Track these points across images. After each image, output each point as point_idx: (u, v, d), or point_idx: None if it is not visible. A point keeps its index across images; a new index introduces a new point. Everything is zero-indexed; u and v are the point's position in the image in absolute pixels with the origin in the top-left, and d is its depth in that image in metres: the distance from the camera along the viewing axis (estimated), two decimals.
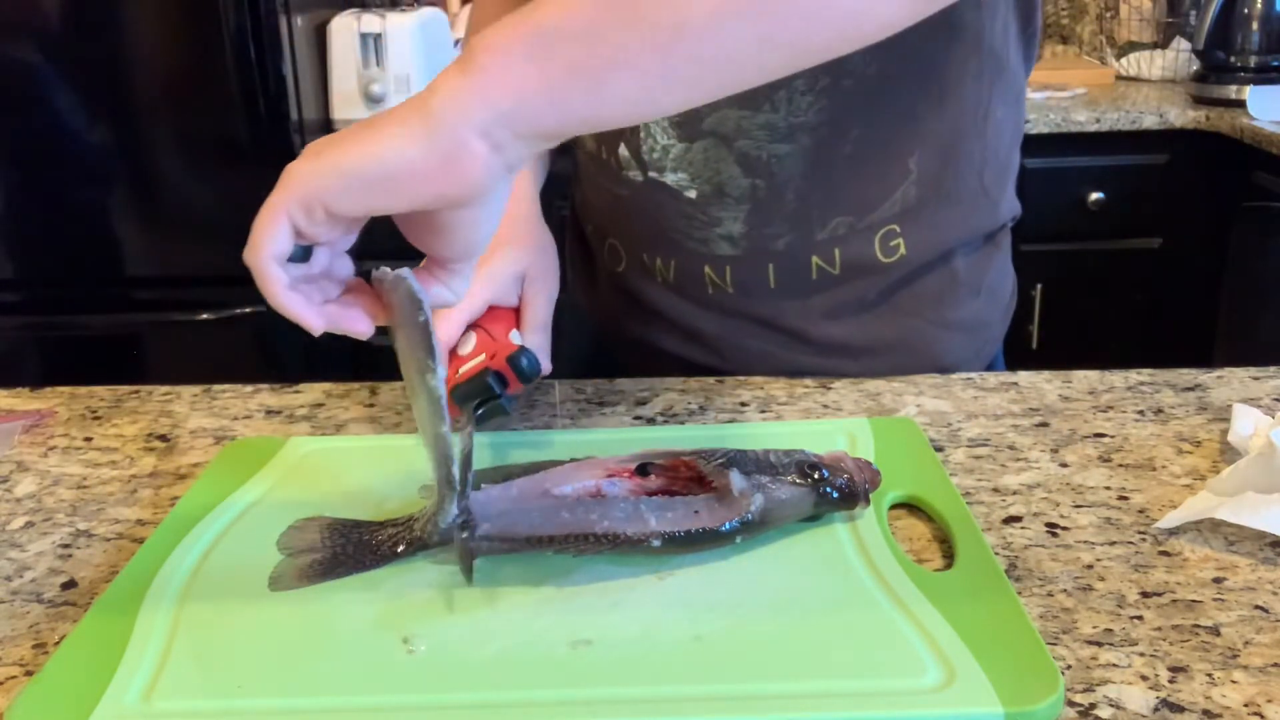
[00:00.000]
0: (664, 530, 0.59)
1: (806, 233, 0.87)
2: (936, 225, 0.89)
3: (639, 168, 0.89)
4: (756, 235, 0.88)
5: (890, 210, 0.87)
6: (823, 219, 0.87)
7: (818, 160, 0.85)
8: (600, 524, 0.60)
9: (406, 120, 0.52)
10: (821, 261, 0.88)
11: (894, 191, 0.87)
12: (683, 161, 0.87)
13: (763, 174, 0.85)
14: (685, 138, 0.86)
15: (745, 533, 0.61)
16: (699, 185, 0.87)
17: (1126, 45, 2.67)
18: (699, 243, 0.89)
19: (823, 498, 0.63)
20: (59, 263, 2.21)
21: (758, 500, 0.61)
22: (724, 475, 0.63)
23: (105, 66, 2.10)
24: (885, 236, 0.88)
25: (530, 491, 0.64)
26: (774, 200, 0.86)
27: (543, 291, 0.80)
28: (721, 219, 0.88)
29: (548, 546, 0.60)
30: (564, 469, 0.66)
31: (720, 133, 0.85)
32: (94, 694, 0.51)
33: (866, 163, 0.86)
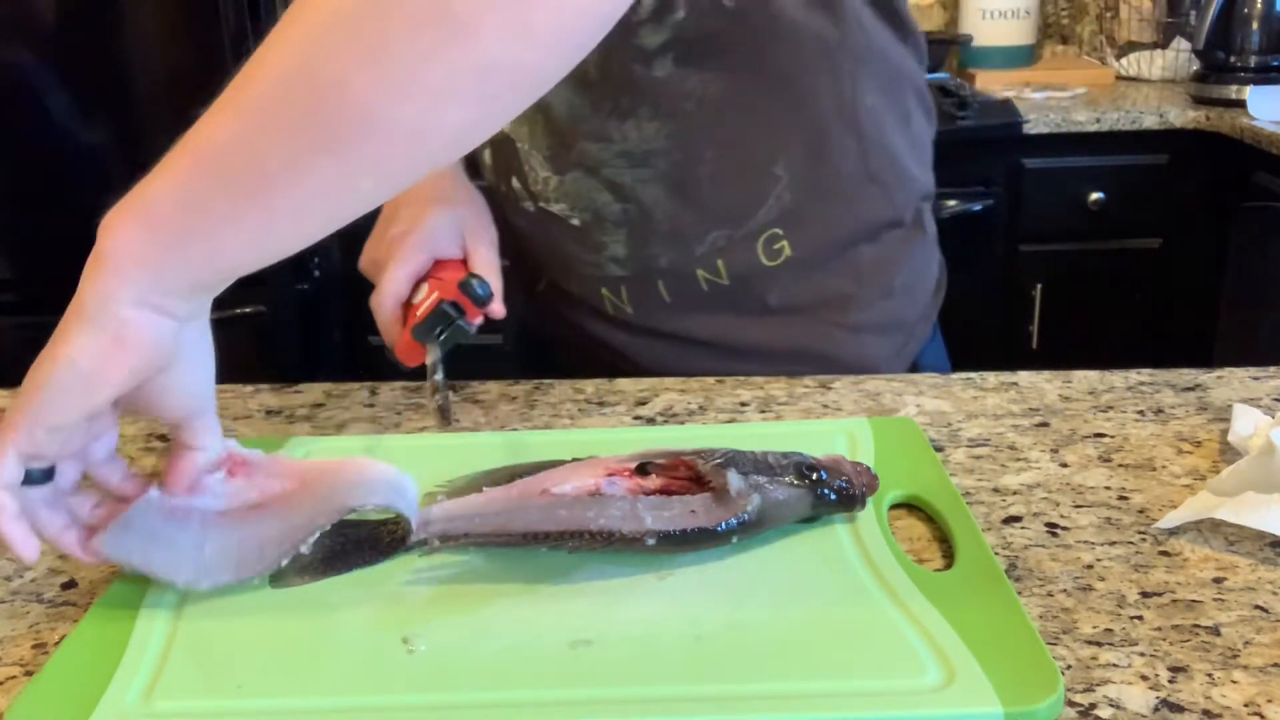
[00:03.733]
0: (660, 529, 0.60)
1: (685, 249, 0.89)
2: (821, 222, 0.90)
3: (530, 199, 0.91)
4: (640, 256, 0.90)
5: (767, 216, 0.88)
6: (698, 235, 0.88)
7: (678, 182, 0.86)
8: (596, 522, 0.60)
9: (71, 321, 0.54)
10: (707, 274, 0.90)
11: (766, 199, 0.88)
12: (561, 192, 0.89)
13: (632, 199, 0.87)
14: (558, 170, 0.88)
15: (742, 533, 0.61)
16: (580, 214, 0.89)
17: (1126, 45, 2.67)
18: (592, 266, 0.91)
19: (820, 499, 0.63)
20: (59, 263, 2.20)
21: (755, 501, 0.61)
22: (721, 475, 0.63)
23: (105, 66, 2.10)
24: (768, 241, 0.89)
25: (530, 490, 0.64)
26: (647, 223, 0.88)
27: (483, 238, 0.82)
28: (606, 243, 0.90)
29: (543, 543, 0.60)
30: (564, 468, 0.66)
31: (586, 164, 0.87)
32: (94, 694, 0.51)
33: (729, 178, 0.87)
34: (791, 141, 0.87)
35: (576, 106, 0.84)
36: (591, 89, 0.83)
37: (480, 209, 0.85)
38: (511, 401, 0.87)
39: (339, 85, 0.50)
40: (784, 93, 0.86)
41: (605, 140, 0.85)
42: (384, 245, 0.81)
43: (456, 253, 0.81)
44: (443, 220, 0.81)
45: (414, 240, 0.80)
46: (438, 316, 0.78)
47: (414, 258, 0.79)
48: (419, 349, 0.79)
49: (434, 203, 0.82)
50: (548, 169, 0.89)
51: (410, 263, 0.79)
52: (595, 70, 0.83)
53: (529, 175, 0.90)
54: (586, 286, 0.93)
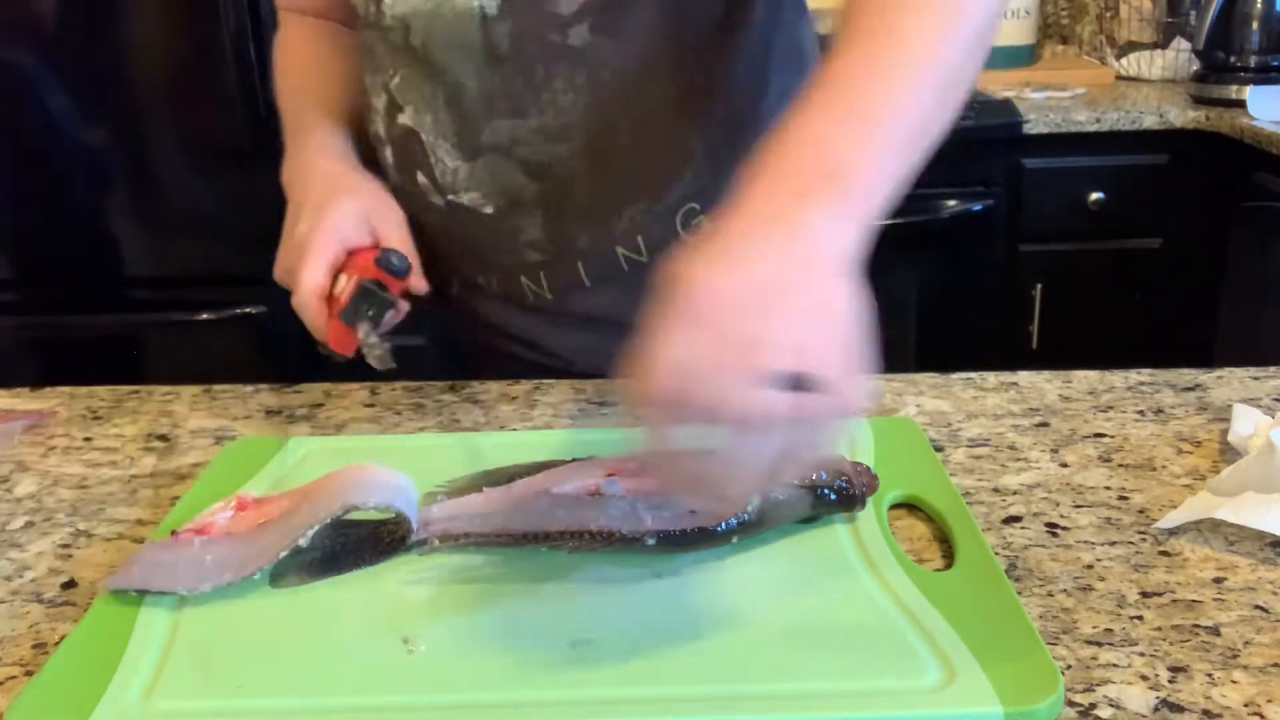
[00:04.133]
0: (660, 529, 0.60)
1: (604, 227, 0.88)
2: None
3: (438, 193, 0.90)
4: (557, 237, 0.88)
5: (684, 190, 0.88)
6: (617, 210, 0.88)
7: (596, 155, 0.86)
8: (596, 522, 0.60)
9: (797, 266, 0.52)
10: (627, 251, 0.89)
11: (682, 173, 0.88)
12: (472, 180, 0.88)
13: (548, 177, 0.86)
14: (468, 157, 0.87)
15: (742, 533, 0.61)
16: (493, 200, 0.88)
17: (1126, 45, 2.67)
18: (508, 254, 0.90)
19: (820, 499, 0.63)
20: (59, 263, 2.21)
21: (754, 501, 0.61)
22: None
23: (105, 66, 2.10)
24: (686, 215, 0.89)
25: (530, 490, 0.64)
26: (565, 200, 0.87)
27: (390, 220, 0.83)
28: (522, 227, 0.88)
29: (543, 543, 0.60)
30: (564, 468, 0.66)
31: (499, 145, 0.86)
32: (94, 694, 0.51)
33: (645, 150, 0.86)
34: (705, 115, 0.88)
35: (489, 83, 0.83)
36: (504, 63, 0.83)
37: (383, 195, 0.85)
38: (511, 401, 0.87)
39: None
40: (697, 65, 0.86)
41: (520, 117, 0.84)
42: (293, 248, 0.81)
43: (367, 239, 0.81)
44: (347, 210, 0.81)
45: (322, 233, 0.79)
46: (361, 295, 0.77)
47: (326, 249, 0.79)
48: (350, 334, 0.78)
49: (335, 195, 0.82)
50: (457, 157, 0.87)
51: (323, 254, 0.79)
52: (508, 44, 0.82)
53: (436, 167, 0.88)
54: (504, 277, 0.92)
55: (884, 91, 0.58)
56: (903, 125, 0.57)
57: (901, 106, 0.58)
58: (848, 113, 0.57)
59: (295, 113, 0.94)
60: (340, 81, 0.96)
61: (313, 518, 0.60)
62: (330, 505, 0.61)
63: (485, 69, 0.83)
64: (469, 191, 0.88)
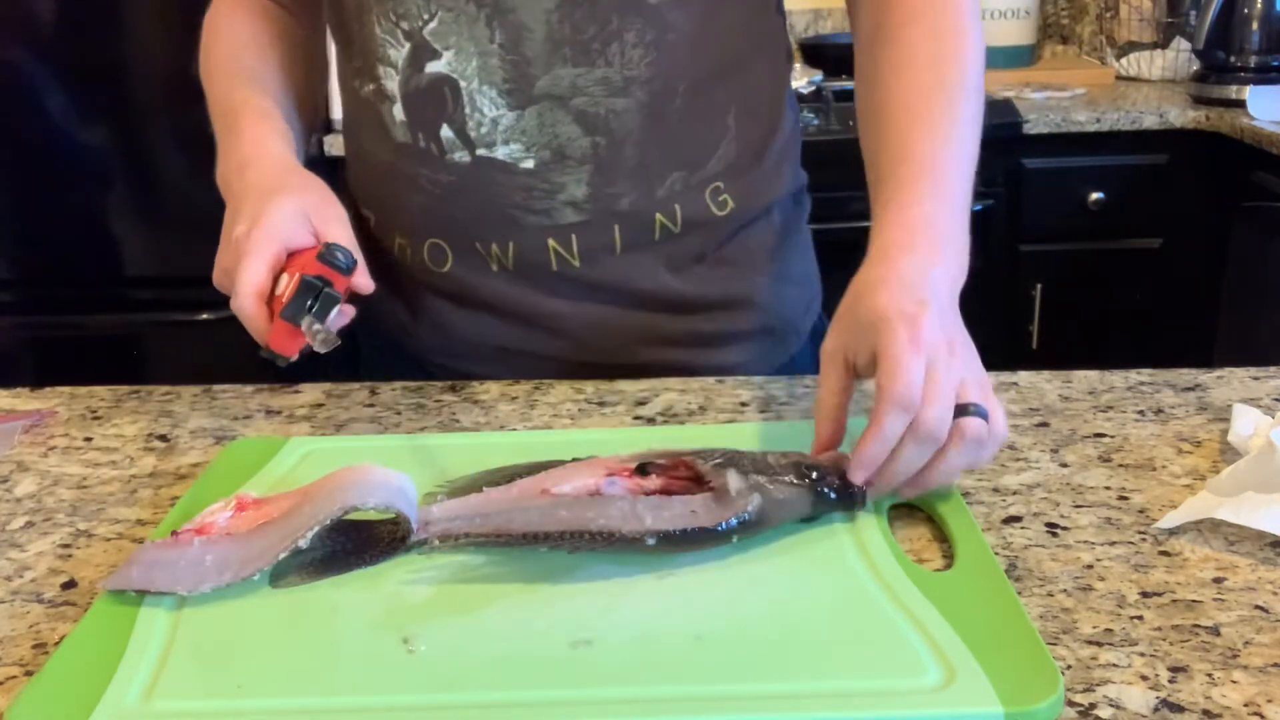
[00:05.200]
0: (660, 529, 0.60)
1: (648, 190, 0.88)
2: (754, 182, 0.93)
3: (465, 148, 0.87)
4: (601, 196, 0.88)
5: (716, 167, 0.90)
6: (661, 175, 0.88)
7: (652, 114, 0.86)
8: (596, 522, 0.60)
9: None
10: (664, 219, 0.90)
11: (718, 147, 0.90)
12: (515, 131, 0.86)
13: (602, 131, 0.86)
14: (517, 105, 0.85)
15: (742, 532, 0.61)
16: (536, 153, 0.87)
17: (1126, 45, 2.67)
18: (541, 215, 0.88)
19: (820, 498, 0.63)
20: (59, 263, 2.21)
21: (755, 500, 0.61)
22: (721, 475, 0.63)
23: (105, 66, 2.10)
24: (713, 193, 0.90)
25: (530, 490, 0.64)
26: (615, 158, 0.87)
27: (332, 218, 0.79)
28: (564, 184, 0.87)
29: (543, 543, 0.60)
30: (564, 469, 0.66)
31: (555, 93, 0.85)
32: (94, 694, 0.51)
33: (694, 117, 0.88)
34: (739, 91, 0.90)
35: (559, 29, 0.83)
36: (578, 9, 0.83)
37: (325, 192, 0.82)
38: (512, 401, 0.87)
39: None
40: (741, 39, 0.89)
41: (587, 65, 0.84)
42: (231, 249, 0.78)
43: (308, 238, 0.78)
44: (287, 208, 0.77)
45: (261, 233, 0.76)
46: (304, 289, 0.73)
47: (264, 249, 0.75)
48: (294, 334, 0.74)
49: (274, 194, 0.79)
50: (501, 106, 0.85)
51: (262, 254, 0.75)
52: None
53: (470, 119, 0.86)
54: (530, 240, 0.90)
55: (965, 182, 0.75)
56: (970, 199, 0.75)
57: (971, 180, 0.76)
58: (946, 200, 0.73)
59: (227, 106, 0.91)
60: (278, 65, 0.94)
61: (312, 519, 0.60)
62: (330, 506, 0.61)
63: (556, 14, 0.83)
64: (508, 144, 0.87)
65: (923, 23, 0.82)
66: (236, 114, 0.89)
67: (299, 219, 0.78)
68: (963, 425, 0.63)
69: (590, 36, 0.83)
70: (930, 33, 0.82)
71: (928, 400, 0.63)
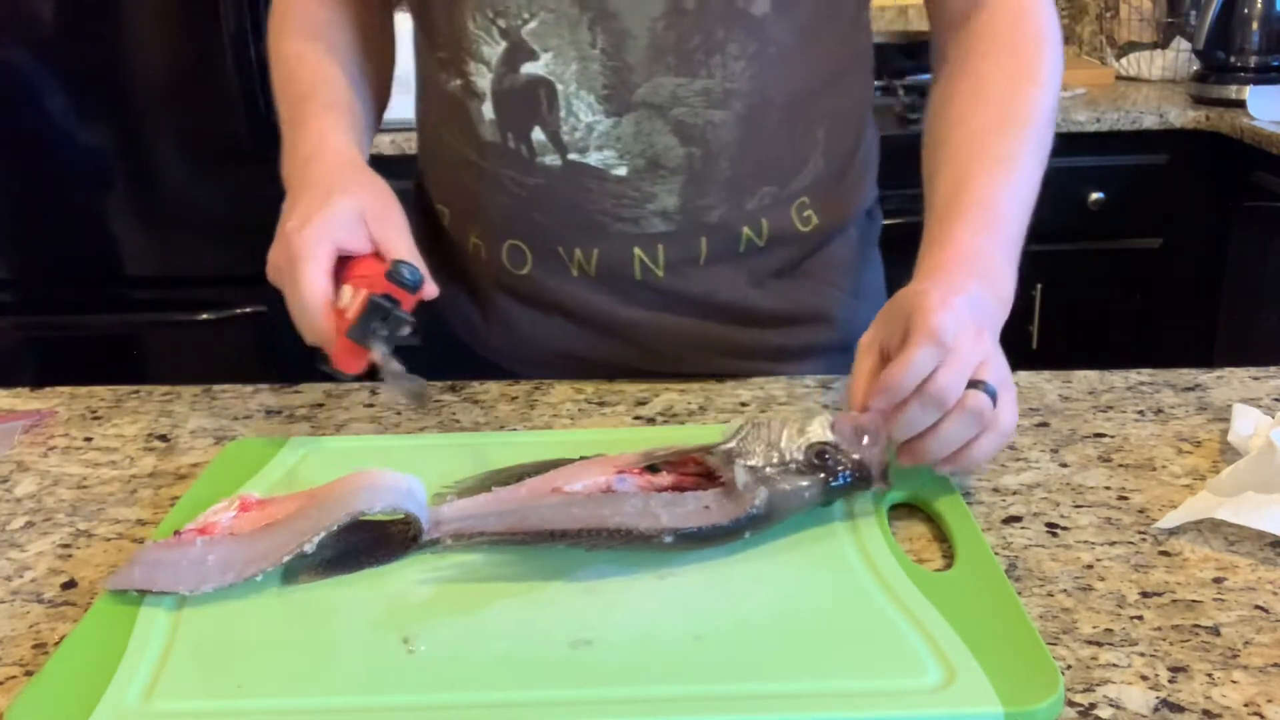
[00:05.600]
0: (675, 526, 0.60)
1: (738, 203, 0.88)
2: (837, 197, 0.93)
3: (557, 151, 0.86)
4: (691, 208, 0.87)
5: (803, 181, 0.90)
6: (752, 188, 0.88)
7: (749, 127, 0.86)
8: (612, 519, 0.60)
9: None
10: (751, 232, 0.89)
11: (807, 162, 0.90)
12: (610, 138, 0.85)
13: (699, 142, 0.85)
14: (614, 112, 0.84)
15: (754, 527, 0.61)
16: (630, 160, 0.86)
17: (1126, 45, 2.67)
18: (629, 223, 0.88)
19: (831, 486, 0.64)
20: (59, 263, 2.21)
21: (762, 494, 0.61)
22: (729, 470, 0.63)
23: (105, 66, 2.10)
24: (799, 208, 0.90)
25: (541, 489, 0.64)
26: (709, 169, 0.86)
27: (391, 224, 0.78)
28: (655, 194, 0.87)
29: (560, 541, 0.60)
30: (573, 467, 0.66)
31: (654, 102, 0.84)
32: (94, 694, 0.51)
33: (789, 131, 0.88)
34: (830, 106, 0.90)
35: (663, 37, 0.82)
36: (685, 18, 0.82)
37: (383, 195, 0.80)
38: (512, 401, 0.87)
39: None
40: (835, 54, 0.89)
41: (688, 75, 0.83)
42: (282, 246, 0.76)
43: (363, 243, 0.76)
44: (342, 209, 0.76)
45: (311, 231, 0.74)
46: (372, 311, 0.72)
47: (316, 249, 0.74)
48: (359, 352, 0.73)
49: (330, 193, 0.77)
50: (598, 111, 0.84)
51: (315, 256, 0.74)
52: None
53: (564, 123, 0.85)
54: (615, 248, 0.89)
55: (1021, 217, 0.78)
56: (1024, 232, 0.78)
57: (1026, 221, 0.78)
58: (998, 238, 0.75)
59: (295, 92, 0.89)
60: (349, 49, 0.93)
61: (318, 524, 0.60)
62: (336, 512, 0.61)
63: (661, 21, 0.82)
64: (602, 150, 0.86)
65: (1003, 56, 0.84)
66: (303, 102, 0.88)
67: (354, 221, 0.76)
68: (967, 396, 0.64)
69: (694, 46, 0.83)
70: (1008, 69, 0.83)
71: (944, 362, 0.64)
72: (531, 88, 0.85)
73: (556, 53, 0.83)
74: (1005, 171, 0.78)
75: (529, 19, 0.83)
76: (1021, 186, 0.79)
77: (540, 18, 0.83)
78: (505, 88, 0.86)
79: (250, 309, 2.15)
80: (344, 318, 0.73)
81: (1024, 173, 0.79)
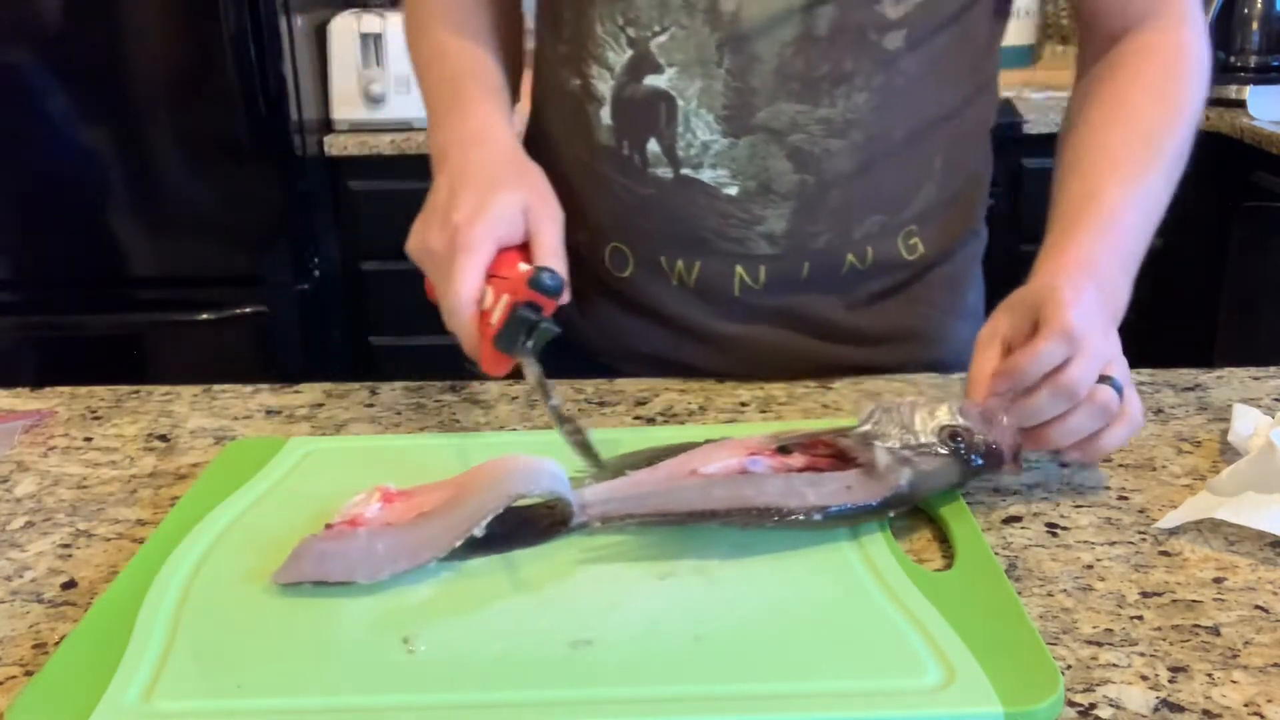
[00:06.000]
0: (824, 505, 0.61)
1: (846, 230, 0.88)
2: (945, 224, 0.92)
3: (670, 165, 0.86)
4: (798, 233, 0.87)
5: (914, 210, 0.90)
6: (861, 217, 0.88)
7: (866, 158, 0.86)
8: (759, 499, 0.61)
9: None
10: (855, 258, 0.89)
11: (920, 190, 0.89)
12: (724, 158, 0.85)
13: (813, 170, 0.85)
14: (732, 133, 0.84)
15: (897, 506, 0.63)
16: (742, 182, 0.85)
17: None
18: (734, 242, 0.88)
19: (967, 466, 0.65)
20: (59, 263, 2.21)
21: (906, 475, 0.63)
22: (869, 451, 0.64)
23: (105, 66, 2.10)
24: (905, 235, 0.90)
25: (677, 472, 0.65)
26: (820, 197, 0.86)
27: (547, 219, 0.78)
28: (764, 217, 0.86)
29: (710, 520, 0.61)
30: (703, 449, 0.67)
31: (773, 127, 0.84)
32: (94, 694, 0.51)
33: (905, 161, 0.87)
34: (949, 140, 0.89)
35: (791, 64, 0.82)
36: (815, 47, 0.81)
37: (543, 188, 0.80)
38: (512, 402, 0.87)
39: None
40: (960, 85, 0.89)
41: (809, 103, 0.83)
42: (444, 232, 0.75)
43: (520, 235, 0.76)
44: (509, 203, 0.76)
45: (482, 228, 0.74)
46: (518, 324, 0.72)
47: (481, 247, 0.74)
48: (503, 357, 0.74)
49: (498, 185, 0.77)
50: (715, 131, 0.84)
51: (479, 253, 0.74)
52: (827, 29, 0.81)
53: (680, 138, 0.85)
54: (718, 264, 0.89)
55: (1143, 233, 0.79)
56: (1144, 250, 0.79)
57: (1147, 240, 0.79)
58: (1119, 252, 0.77)
59: (450, 70, 0.89)
60: (492, 33, 0.93)
61: (482, 508, 0.61)
62: (499, 493, 0.61)
63: (791, 48, 0.82)
64: (714, 169, 0.85)
65: (1150, 80, 0.85)
66: (463, 80, 0.88)
67: (517, 215, 0.76)
68: (1096, 390, 0.66)
69: (821, 75, 0.82)
70: (1153, 93, 0.84)
71: (1077, 355, 0.65)
72: (652, 100, 0.85)
73: (681, 69, 0.83)
74: (1134, 190, 0.79)
75: (659, 32, 0.83)
76: (1147, 206, 0.80)
77: (671, 32, 0.83)
78: (625, 96, 0.86)
79: (250, 309, 2.15)
80: (487, 323, 0.73)
81: (1152, 194, 0.80)
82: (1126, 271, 0.77)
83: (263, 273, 2.17)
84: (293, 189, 2.13)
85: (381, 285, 2.35)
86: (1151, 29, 0.87)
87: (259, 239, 2.14)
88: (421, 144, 2.22)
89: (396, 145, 2.22)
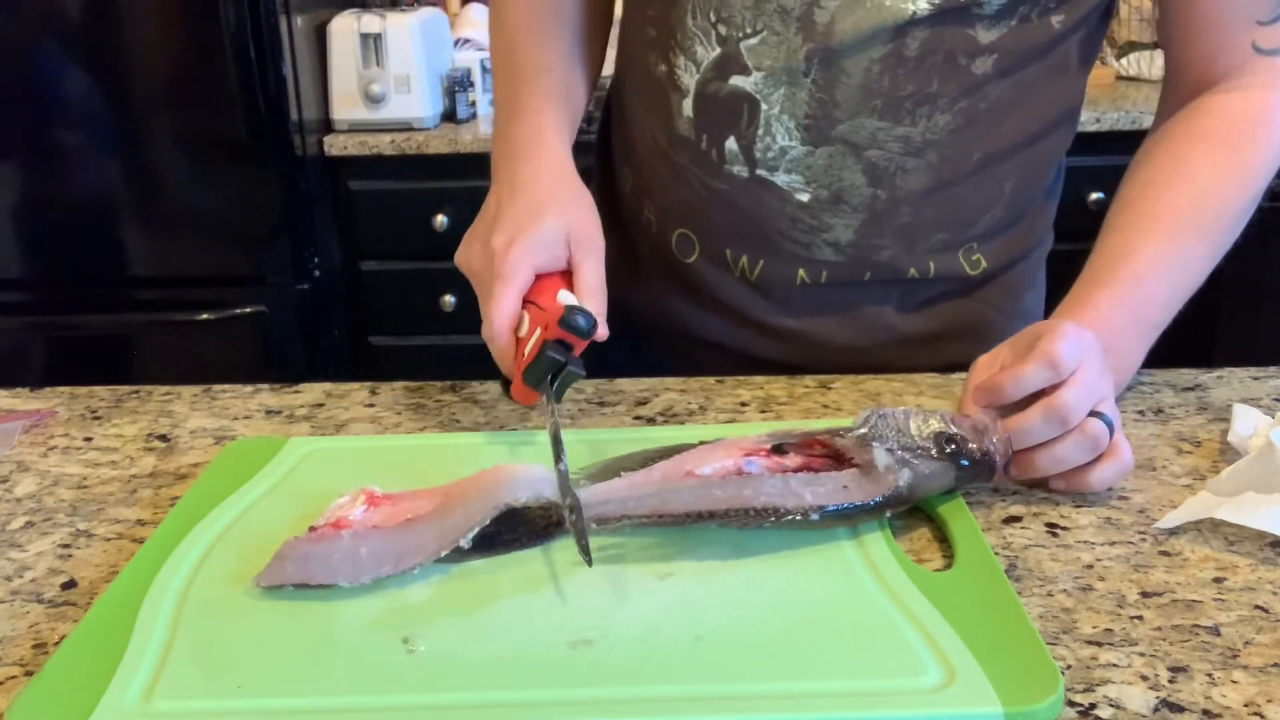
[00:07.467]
0: (821, 504, 0.61)
1: (910, 246, 0.89)
2: (1009, 241, 0.94)
3: (746, 164, 0.87)
4: (864, 245, 0.88)
5: (980, 229, 0.90)
6: (928, 234, 0.89)
7: (940, 179, 0.86)
8: (757, 500, 0.61)
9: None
10: (916, 272, 0.91)
11: (987, 212, 0.90)
12: (800, 165, 0.85)
13: (886, 186, 0.86)
14: (810, 141, 0.85)
15: (894, 505, 0.63)
16: (815, 189, 0.86)
17: (1126, 45, 2.67)
18: (800, 246, 0.89)
19: (961, 471, 0.65)
20: (59, 263, 2.21)
21: (904, 475, 0.63)
22: (867, 451, 0.64)
23: (105, 67, 2.10)
24: (967, 252, 0.91)
25: (673, 473, 0.65)
26: (890, 213, 0.87)
27: (591, 252, 0.77)
28: (832, 225, 0.87)
29: (708, 521, 0.61)
30: (697, 451, 0.67)
31: (852, 140, 0.84)
32: (94, 694, 0.51)
33: (978, 183, 0.88)
34: (1023, 163, 0.90)
35: (878, 80, 0.82)
36: (903, 66, 0.82)
37: (588, 214, 0.80)
38: (511, 401, 0.87)
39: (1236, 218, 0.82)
40: (1044, 117, 0.89)
41: (890, 120, 0.83)
42: (485, 255, 0.76)
43: (561, 264, 0.76)
44: (551, 231, 0.76)
45: (519, 254, 0.74)
46: (547, 364, 0.72)
47: (518, 274, 0.74)
48: (529, 392, 0.74)
49: (541, 213, 0.76)
50: (795, 138, 0.85)
51: (516, 280, 0.73)
52: (918, 50, 0.81)
53: (760, 140, 0.85)
54: (782, 264, 0.90)
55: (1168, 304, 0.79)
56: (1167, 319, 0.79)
57: (1175, 309, 0.79)
58: (1137, 318, 0.77)
59: (518, 70, 0.89)
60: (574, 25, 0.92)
61: (469, 519, 0.61)
62: (484, 506, 0.62)
63: (879, 65, 0.82)
64: (789, 174, 0.86)
65: (1217, 145, 0.82)
66: (523, 85, 0.88)
67: (558, 243, 0.76)
68: (1087, 422, 0.66)
69: (905, 95, 0.83)
70: (1217, 159, 0.82)
71: (1071, 382, 0.66)
72: (735, 99, 0.85)
73: (768, 74, 0.84)
74: (1174, 257, 0.78)
75: (751, 34, 0.83)
76: (1184, 275, 0.79)
77: (762, 36, 0.83)
78: (709, 92, 0.86)
79: (250, 309, 2.15)
80: (522, 351, 0.74)
81: (1191, 263, 0.79)
82: (1144, 341, 0.77)
83: (262, 273, 2.17)
84: (292, 189, 2.13)
85: (381, 285, 2.35)
86: (1238, 86, 0.84)
87: (259, 239, 2.15)
88: (421, 144, 2.22)
89: (396, 145, 2.22)
